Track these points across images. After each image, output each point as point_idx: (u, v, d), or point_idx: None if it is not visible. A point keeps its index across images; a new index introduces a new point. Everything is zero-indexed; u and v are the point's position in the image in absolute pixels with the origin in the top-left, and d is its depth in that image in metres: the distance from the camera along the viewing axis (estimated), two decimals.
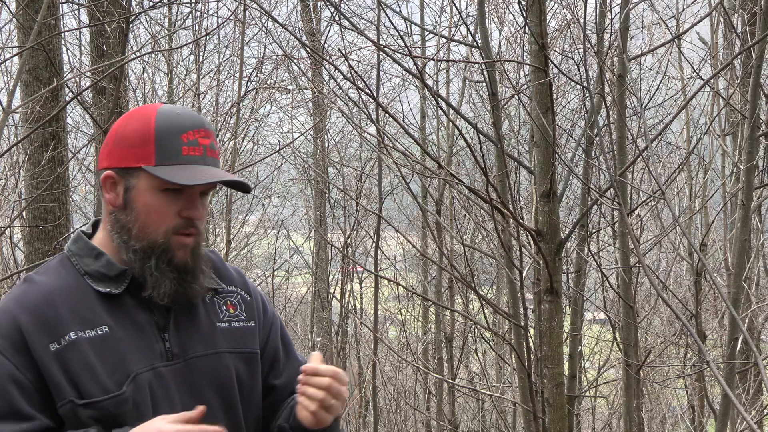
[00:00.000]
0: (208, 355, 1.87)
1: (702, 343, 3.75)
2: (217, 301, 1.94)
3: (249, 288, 2.02)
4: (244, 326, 1.95)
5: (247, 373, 1.93)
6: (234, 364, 1.90)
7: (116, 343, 1.78)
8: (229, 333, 1.92)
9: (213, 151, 1.83)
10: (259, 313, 2.01)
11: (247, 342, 1.94)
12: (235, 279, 2.01)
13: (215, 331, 1.90)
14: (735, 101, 6.66)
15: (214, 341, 1.89)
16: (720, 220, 8.33)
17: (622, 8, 5.23)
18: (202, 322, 1.89)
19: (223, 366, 1.88)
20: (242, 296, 1.99)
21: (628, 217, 4.81)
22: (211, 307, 1.92)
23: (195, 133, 1.80)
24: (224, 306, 1.95)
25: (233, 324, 1.94)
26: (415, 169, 6.47)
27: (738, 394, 6.13)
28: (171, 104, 1.86)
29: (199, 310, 1.90)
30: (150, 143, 1.79)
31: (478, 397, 10.52)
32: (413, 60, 5.13)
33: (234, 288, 1.99)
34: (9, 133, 7.22)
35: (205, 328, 1.89)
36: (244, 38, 9.27)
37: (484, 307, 8.37)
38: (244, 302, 1.98)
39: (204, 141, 1.81)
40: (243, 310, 1.97)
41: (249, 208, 13.12)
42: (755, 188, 5.36)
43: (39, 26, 4.61)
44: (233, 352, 1.91)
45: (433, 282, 10.96)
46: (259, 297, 2.04)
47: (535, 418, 4.56)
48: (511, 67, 8.70)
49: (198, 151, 1.80)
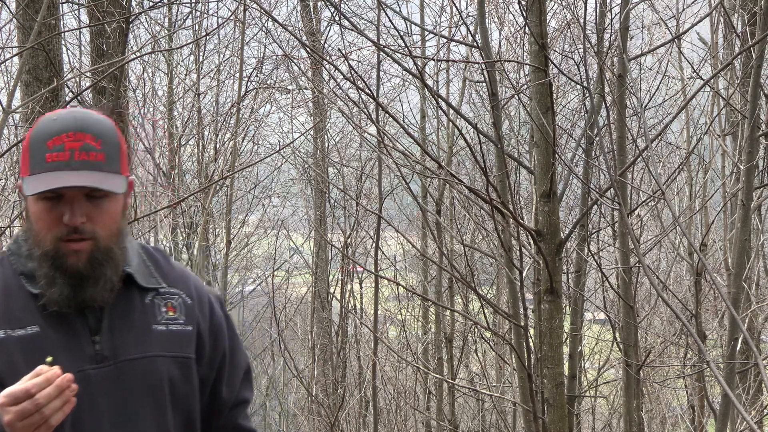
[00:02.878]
0: (139, 359, 1.85)
1: (702, 343, 3.75)
2: (157, 302, 1.91)
3: (192, 291, 1.98)
4: (182, 330, 1.91)
5: (181, 378, 1.90)
6: (167, 368, 1.87)
7: (44, 343, 1.76)
8: (164, 336, 1.89)
9: (86, 153, 1.74)
10: (203, 319, 1.96)
11: (182, 346, 1.91)
12: (179, 281, 1.97)
13: (150, 333, 1.87)
14: (735, 101, 6.66)
15: (148, 344, 1.86)
16: (720, 220, 8.33)
17: (622, 8, 5.23)
18: (137, 323, 1.87)
19: (155, 370, 1.86)
20: (184, 299, 1.95)
21: (628, 217, 4.81)
22: (150, 309, 1.89)
23: (63, 138, 1.73)
24: (164, 308, 1.91)
25: (170, 327, 1.90)
26: (415, 169, 6.47)
27: (738, 394, 6.13)
28: (67, 110, 1.80)
29: (136, 311, 1.88)
30: (26, 153, 1.77)
31: (478, 397, 10.52)
32: (413, 60, 5.13)
33: (176, 290, 1.95)
34: (9, 133, 7.21)
35: (140, 330, 1.86)
36: (244, 38, 9.28)
37: (484, 307, 8.37)
38: (185, 305, 1.94)
39: (73, 144, 1.74)
40: (183, 313, 1.93)
41: (249, 208, 13.14)
42: (755, 188, 5.36)
43: (39, 26, 4.61)
44: (167, 356, 1.88)
45: (433, 282, 10.96)
46: (207, 300, 2.00)
47: (535, 418, 4.56)
48: (511, 67, 8.70)
49: (63, 156, 1.73)
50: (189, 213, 9.84)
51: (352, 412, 10.90)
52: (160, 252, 2.01)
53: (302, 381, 9.50)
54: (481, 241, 10.32)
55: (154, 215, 8.41)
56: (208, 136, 10.17)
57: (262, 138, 13.05)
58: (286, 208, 15.04)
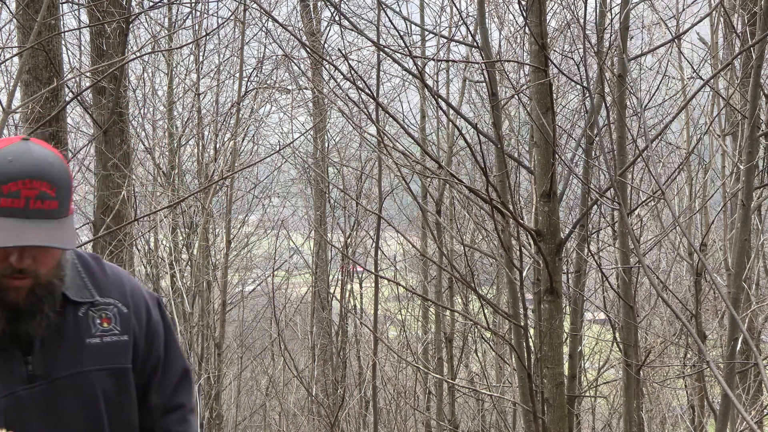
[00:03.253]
0: (72, 375, 1.86)
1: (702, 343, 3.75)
2: (91, 314, 1.92)
3: (128, 298, 1.99)
4: (117, 341, 1.93)
5: (116, 389, 1.92)
6: (101, 382, 1.89)
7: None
8: (98, 349, 1.90)
9: (41, 202, 1.73)
10: (139, 324, 1.98)
11: (118, 357, 1.93)
12: (113, 290, 1.97)
13: (83, 348, 1.89)
14: (735, 101, 6.66)
15: (80, 360, 1.87)
16: (720, 220, 8.34)
17: (622, 8, 5.23)
18: (70, 339, 1.88)
19: (88, 385, 1.87)
20: (119, 309, 1.96)
21: (628, 217, 4.80)
22: (83, 322, 1.90)
23: (18, 184, 1.70)
24: (98, 320, 1.92)
25: (105, 339, 1.91)
26: (415, 169, 6.47)
27: (738, 394, 6.13)
28: (19, 145, 1.75)
29: (69, 327, 1.88)
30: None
31: (478, 397, 10.52)
32: (413, 60, 5.13)
33: (111, 300, 1.96)
34: (9, 133, 7.21)
35: (72, 347, 1.88)
36: (244, 38, 9.28)
37: (484, 307, 8.37)
38: (120, 315, 1.95)
39: (29, 192, 1.71)
40: (118, 323, 1.94)
41: (249, 208, 13.13)
42: (755, 188, 5.36)
43: (39, 26, 4.61)
44: (102, 369, 1.90)
45: (433, 282, 10.96)
46: (143, 304, 2.01)
47: (535, 418, 4.56)
48: (511, 67, 8.70)
49: (18, 203, 1.71)
50: (189, 213, 9.84)
51: (352, 412, 10.90)
52: (94, 259, 2.01)
53: (302, 381, 9.50)
54: (481, 241, 10.32)
55: (154, 215, 8.41)
56: (208, 136, 10.17)
57: (262, 138, 13.06)
58: (286, 208, 15.05)
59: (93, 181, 8.96)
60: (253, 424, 13.09)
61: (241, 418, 12.65)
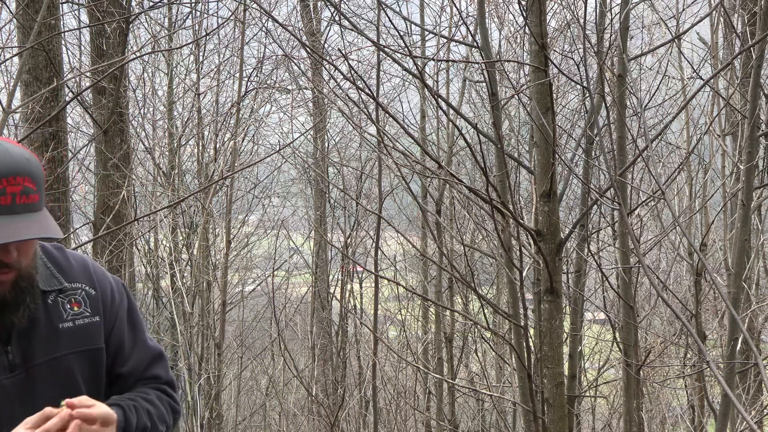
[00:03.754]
0: (48, 361, 1.93)
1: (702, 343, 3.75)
2: (61, 300, 1.99)
3: (94, 281, 2.06)
4: (89, 322, 2.00)
5: (92, 370, 1.99)
6: (77, 365, 1.96)
7: None
8: (72, 332, 1.97)
9: (26, 196, 1.80)
10: (105, 305, 2.05)
11: (91, 338, 2.00)
12: (79, 275, 2.04)
13: (57, 333, 1.95)
14: (735, 101, 6.65)
15: (55, 345, 1.94)
16: (720, 220, 8.33)
17: (622, 8, 5.23)
18: (42, 327, 1.94)
19: (65, 368, 1.94)
20: (87, 292, 2.03)
21: (628, 217, 4.80)
22: (54, 309, 1.97)
23: (3, 182, 1.77)
24: (68, 305, 1.99)
25: (77, 322, 1.99)
26: (415, 169, 6.46)
27: (738, 394, 6.13)
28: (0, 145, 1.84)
29: (41, 315, 1.94)
30: None
31: (478, 397, 10.52)
32: (413, 60, 5.13)
33: (78, 284, 2.03)
34: (9, 133, 7.22)
35: (46, 333, 1.94)
36: (244, 38, 9.27)
37: (484, 307, 8.38)
38: (89, 297, 2.03)
39: (13, 189, 1.78)
40: (87, 306, 2.02)
41: (249, 208, 13.14)
42: (755, 188, 5.36)
43: (39, 26, 4.61)
44: (76, 352, 1.97)
45: (433, 282, 10.96)
46: (108, 286, 2.08)
47: (535, 418, 4.56)
48: (511, 67, 8.70)
49: (5, 200, 1.78)
50: (189, 213, 9.84)
51: (352, 412, 10.90)
52: (58, 249, 2.07)
53: (302, 381, 9.50)
54: (481, 241, 10.32)
55: (154, 215, 8.41)
56: (208, 136, 10.17)
57: (262, 138, 13.06)
58: (286, 208, 15.05)
59: (93, 181, 8.97)
60: (253, 424, 13.09)
61: (241, 418, 12.65)
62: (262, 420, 12.98)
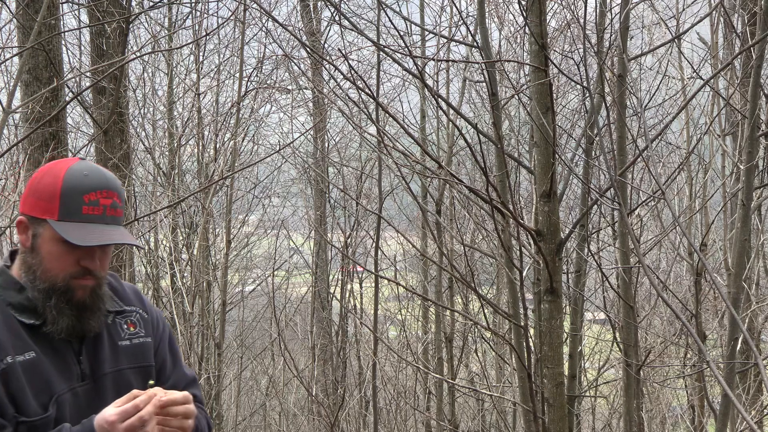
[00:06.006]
0: (112, 373, 2.12)
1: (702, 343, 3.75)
2: (118, 321, 2.19)
3: (146, 306, 2.28)
4: (143, 342, 2.21)
5: (142, 387, 2.11)
6: (135, 379, 2.16)
7: (41, 367, 2.01)
8: (130, 350, 2.18)
9: (114, 210, 2.05)
10: (155, 329, 2.27)
11: (144, 356, 2.21)
12: (133, 299, 2.26)
13: (117, 350, 2.16)
14: (735, 101, 6.65)
15: (117, 360, 2.15)
16: (720, 220, 8.34)
17: (622, 8, 5.23)
18: (106, 343, 2.14)
19: (125, 381, 2.14)
20: (140, 314, 2.25)
21: (628, 217, 4.81)
22: (113, 328, 2.17)
23: (97, 194, 2.02)
24: (125, 325, 2.20)
25: (134, 341, 2.20)
26: (415, 169, 6.47)
27: (738, 394, 6.13)
28: (84, 163, 2.07)
29: (104, 332, 2.14)
30: (55, 199, 2.01)
31: (478, 397, 10.52)
32: (413, 60, 5.12)
33: (133, 308, 2.24)
34: (9, 133, 7.21)
35: (110, 348, 2.14)
36: (244, 38, 9.28)
37: (484, 307, 8.38)
38: (143, 320, 2.24)
39: (105, 201, 2.03)
40: (142, 327, 2.23)
41: (249, 208, 13.14)
42: (755, 188, 5.36)
43: (39, 26, 4.61)
44: (134, 367, 2.17)
45: (433, 282, 10.96)
46: (154, 313, 2.30)
47: (535, 418, 4.56)
48: (511, 67, 8.71)
49: (98, 210, 2.02)
50: (189, 213, 9.84)
51: (352, 412, 10.91)
52: (113, 276, 2.27)
53: (302, 381, 9.49)
54: (481, 241, 10.32)
55: (154, 215, 8.41)
56: (208, 136, 10.16)
57: (262, 138, 13.06)
58: (286, 208, 15.05)
59: None
60: (253, 424, 13.08)
61: (241, 418, 12.64)
62: (262, 420, 12.98)
